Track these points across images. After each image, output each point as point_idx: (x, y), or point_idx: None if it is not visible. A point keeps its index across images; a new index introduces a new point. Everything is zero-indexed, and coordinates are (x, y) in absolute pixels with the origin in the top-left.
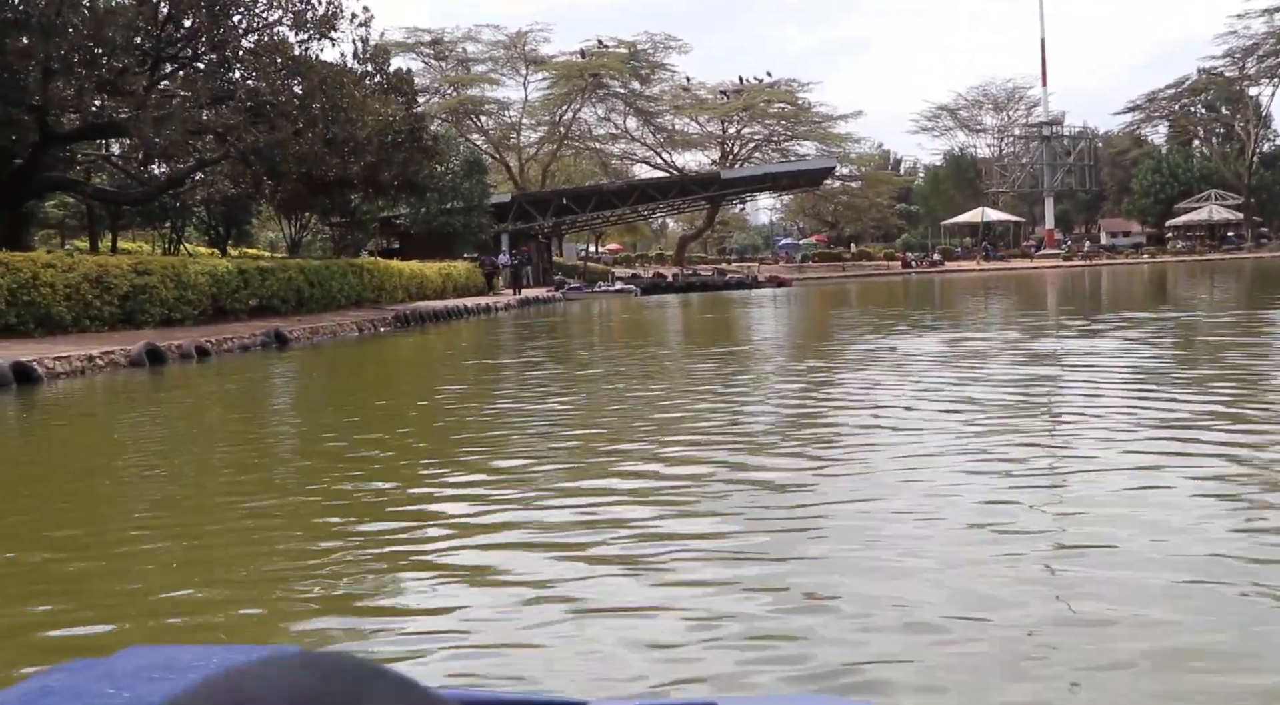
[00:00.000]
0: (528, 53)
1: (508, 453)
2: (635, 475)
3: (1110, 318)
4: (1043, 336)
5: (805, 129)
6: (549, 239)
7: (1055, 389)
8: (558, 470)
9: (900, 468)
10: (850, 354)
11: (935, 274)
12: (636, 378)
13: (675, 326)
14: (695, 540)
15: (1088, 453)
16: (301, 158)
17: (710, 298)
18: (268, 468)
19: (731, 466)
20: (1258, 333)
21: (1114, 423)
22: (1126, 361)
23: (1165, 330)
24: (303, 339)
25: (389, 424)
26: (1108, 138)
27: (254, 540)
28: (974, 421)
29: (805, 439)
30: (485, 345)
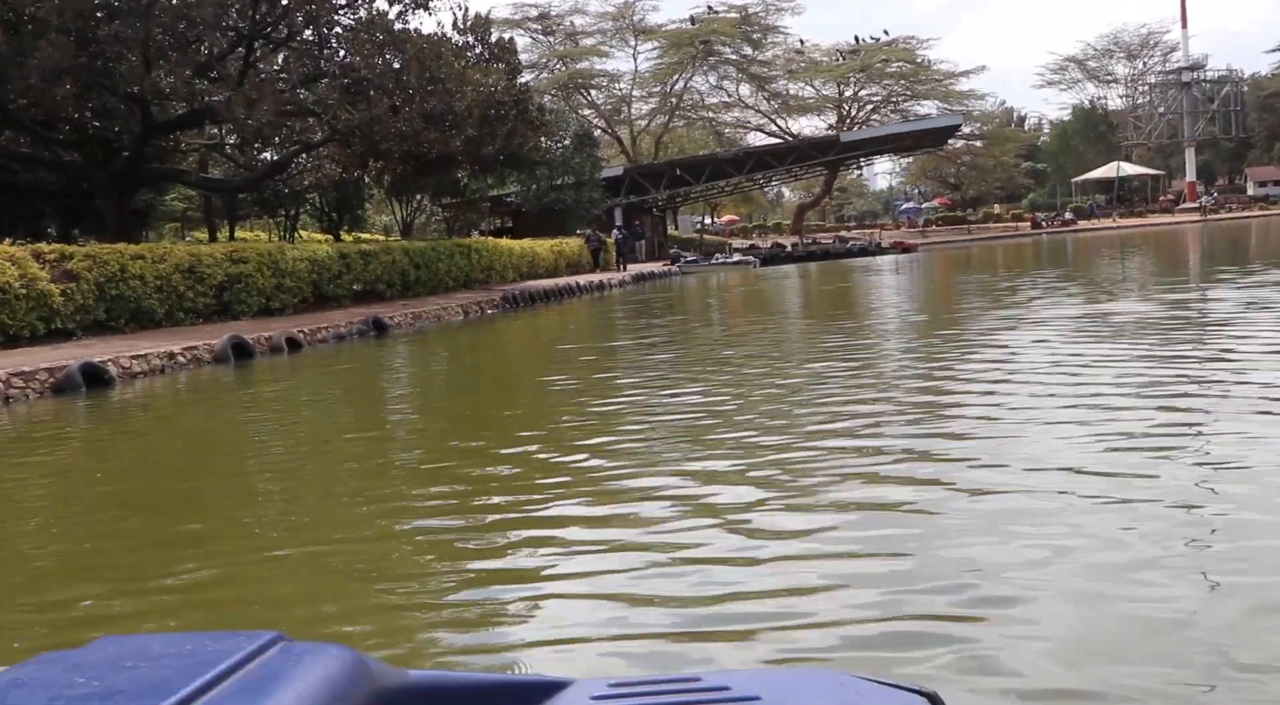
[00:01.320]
0: (636, 23)
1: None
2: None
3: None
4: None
5: (925, 88)
6: (663, 212)
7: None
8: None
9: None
10: (1052, 324)
11: (1068, 234)
12: (784, 360)
13: (804, 299)
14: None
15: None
16: (401, 135)
17: (834, 267)
18: (302, 497)
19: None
20: None
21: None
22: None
23: None
24: (404, 325)
25: (493, 430)
26: (1256, 81)
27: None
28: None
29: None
30: (597, 326)
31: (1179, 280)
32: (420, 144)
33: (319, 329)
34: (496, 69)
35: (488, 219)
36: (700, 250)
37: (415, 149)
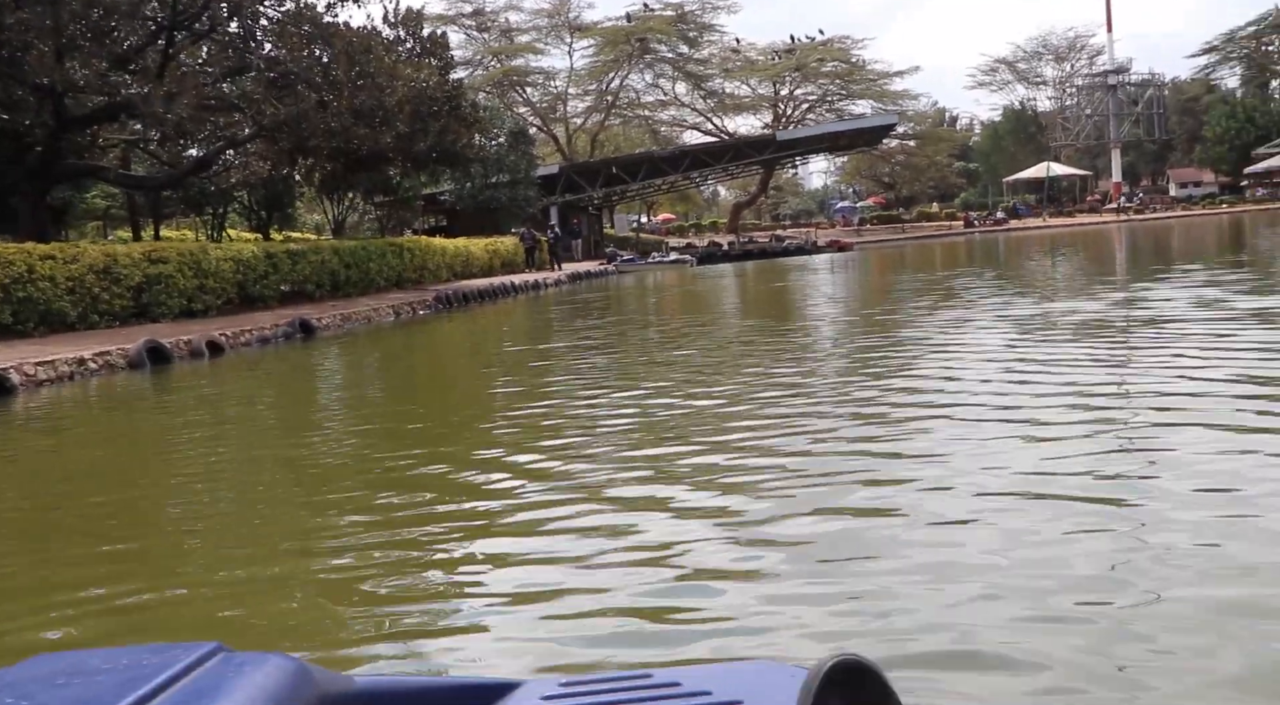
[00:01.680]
0: (571, 20)
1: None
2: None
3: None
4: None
5: (860, 87)
6: (599, 211)
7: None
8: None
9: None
10: (997, 325)
11: (1000, 233)
12: (722, 365)
13: (742, 299)
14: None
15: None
16: (329, 131)
17: (771, 266)
18: (206, 515)
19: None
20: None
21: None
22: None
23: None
24: (332, 327)
25: (419, 441)
26: (1176, 85)
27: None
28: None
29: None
30: (533, 327)
31: (1125, 279)
32: (350, 140)
33: (242, 332)
34: (428, 64)
35: (422, 217)
36: (637, 249)
37: (345, 145)
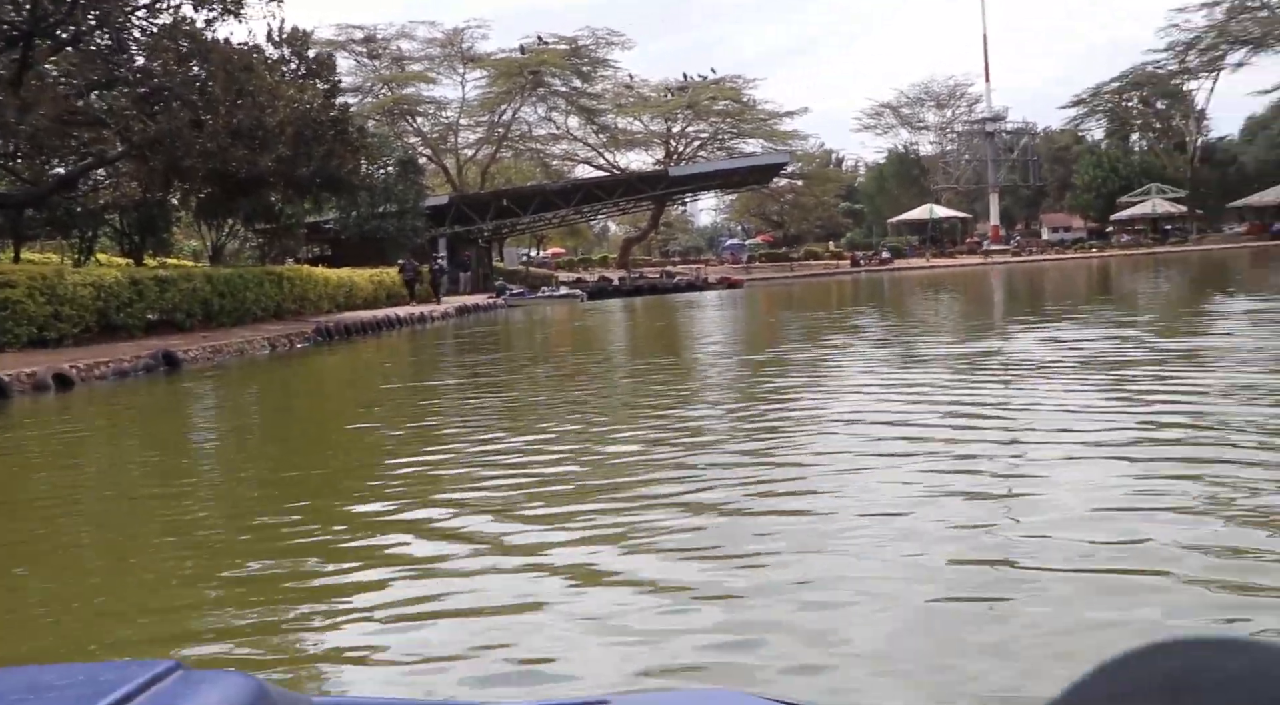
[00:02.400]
0: (465, 50)
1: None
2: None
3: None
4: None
5: (750, 127)
6: (489, 243)
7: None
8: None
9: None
10: (891, 364)
11: (885, 272)
12: (613, 407)
13: (634, 336)
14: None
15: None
16: (205, 152)
17: (662, 301)
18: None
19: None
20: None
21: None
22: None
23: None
24: (200, 360)
25: (289, 499)
26: (1048, 134)
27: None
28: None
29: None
30: (418, 364)
31: (1001, 320)
32: (227, 162)
33: (98, 364)
34: (313, 86)
35: (306, 246)
36: (526, 283)
37: (222, 167)
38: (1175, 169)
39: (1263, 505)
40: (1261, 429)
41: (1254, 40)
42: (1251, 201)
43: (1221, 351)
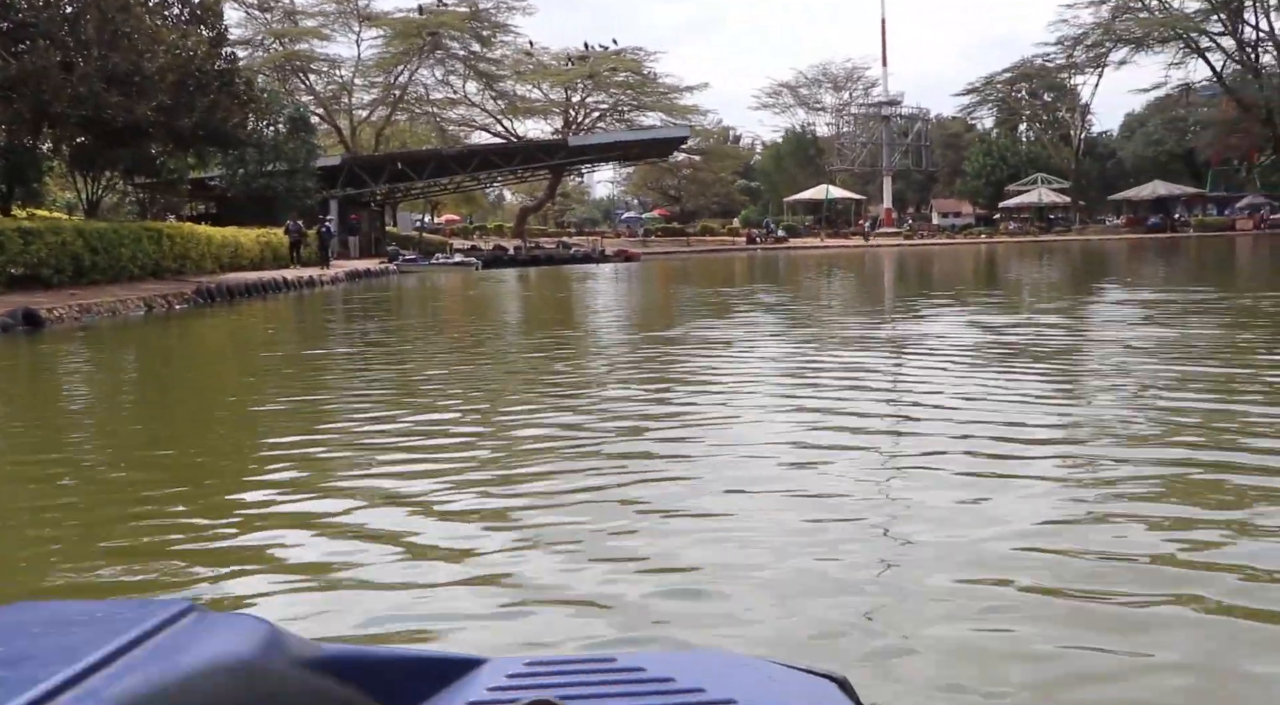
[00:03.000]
0: (361, 8)
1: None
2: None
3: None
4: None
5: (651, 100)
6: (382, 207)
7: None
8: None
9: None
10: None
11: (781, 250)
12: (507, 383)
13: (530, 307)
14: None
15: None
16: (77, 96)
17: (558, 272)
18: None
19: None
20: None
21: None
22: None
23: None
24: (66, 319)
25: (160, 485)
26: (940, 121)
27: None
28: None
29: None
30: (305, 330)
31: (896, 303)
32: (101, 108)
33: None
34: (198, 33)
35: (190, 203)
36: (420, 249)
37: (96, 114)
38: (1061, 160)
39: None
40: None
41: (1136, 40)
42: (1129, 195)
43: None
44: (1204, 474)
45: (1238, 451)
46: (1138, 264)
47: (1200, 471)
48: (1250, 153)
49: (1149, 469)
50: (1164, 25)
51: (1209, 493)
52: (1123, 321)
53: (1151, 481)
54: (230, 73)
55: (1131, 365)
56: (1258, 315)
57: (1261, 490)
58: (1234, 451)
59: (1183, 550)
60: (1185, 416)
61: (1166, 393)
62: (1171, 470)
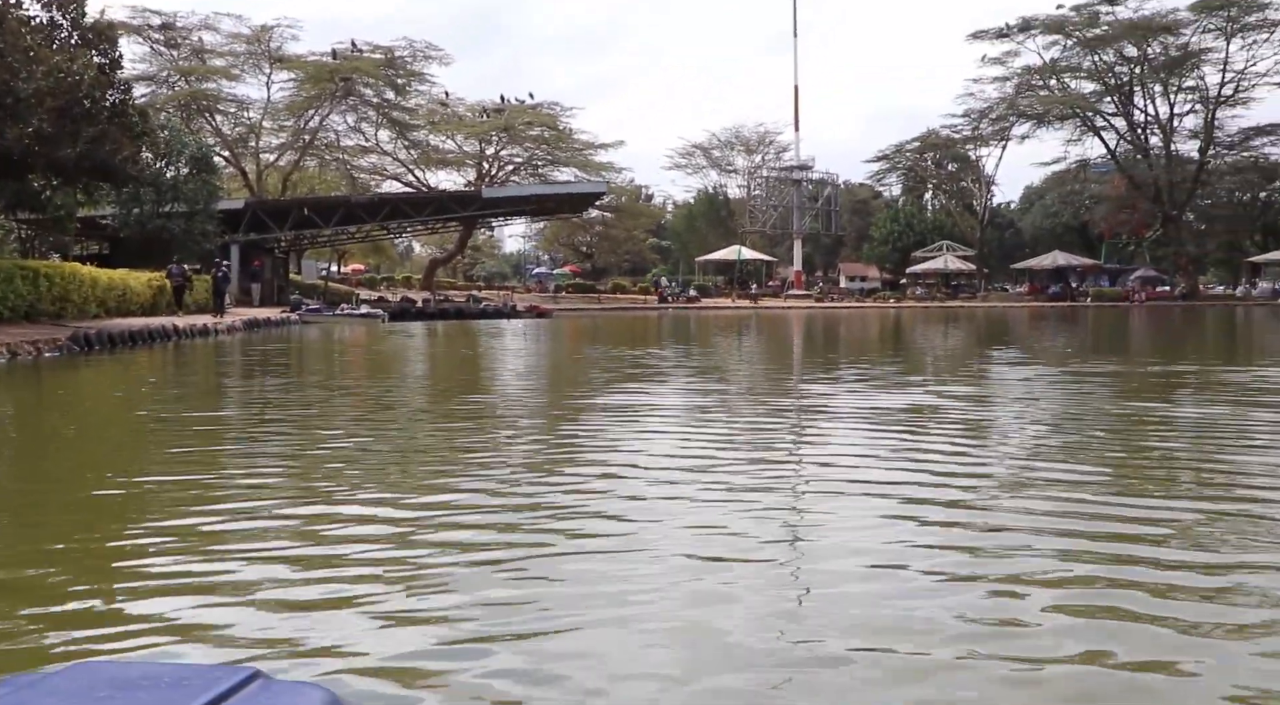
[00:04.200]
0: (273, 50)
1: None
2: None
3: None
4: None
5: (566, 155)
6: (286, 254)
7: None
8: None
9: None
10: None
11: (692, 310)
12: (408, 454)
13: (442, 365)
14: None
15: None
16: None
17: (468, 327)
18: None
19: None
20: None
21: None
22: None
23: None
24: None
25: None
26: (848, 187)
27: None
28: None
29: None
30: (190, 386)
31: (813, 367)
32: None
33: None
34: (87, 57)
35: (81, 243)
36: (325, 299)
37: None
38: (965, 229)
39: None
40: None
41: (1037, 116)
42: (1032, 264)
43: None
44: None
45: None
46: (1063, 333)
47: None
48: (1139, 228)
49: (1046, 539)
50: (1063, 103)
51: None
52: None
53: (1047, 551)
54: (124, 103)
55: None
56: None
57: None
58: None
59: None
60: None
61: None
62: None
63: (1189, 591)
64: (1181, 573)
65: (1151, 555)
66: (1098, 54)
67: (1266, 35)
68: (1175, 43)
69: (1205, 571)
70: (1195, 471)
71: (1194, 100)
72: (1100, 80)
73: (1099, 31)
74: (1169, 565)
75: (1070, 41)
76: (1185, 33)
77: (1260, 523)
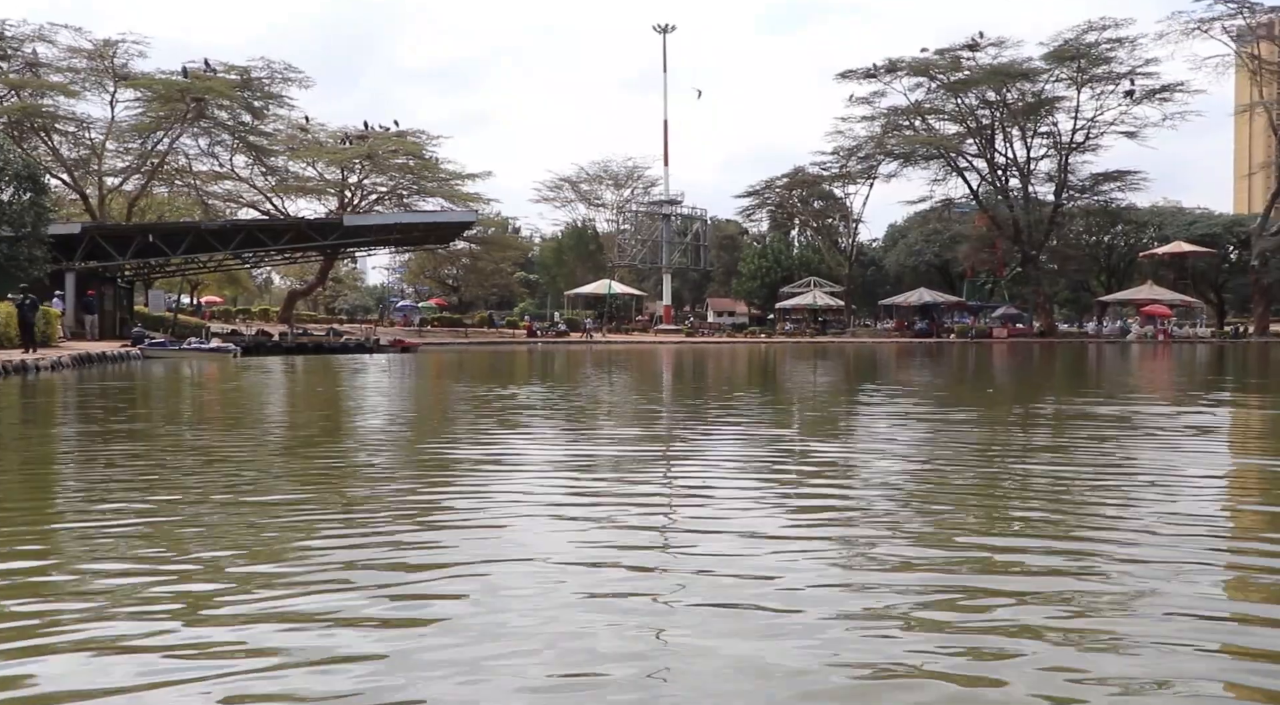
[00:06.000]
0: (118, 67)
1: None
2: None
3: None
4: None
5: (432, 185)
6: (131, 285)
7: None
8: None
9: None
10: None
11: (561, 344)
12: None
13: (295, 405)
14: None
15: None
16: None
17: (328, 362)
18: None
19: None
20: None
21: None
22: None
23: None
24: None
25: None
26: (717, 222)
27: None
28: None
29: None
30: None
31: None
32: None
33: None
34: None
35: None
36: (173, 332)
37: None
38: (834, 264)
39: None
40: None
41: (904, 155)
42: (898, 301)
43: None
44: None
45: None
46: (910, 367)
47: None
48: (999, 267)
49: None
50: (928, 143)
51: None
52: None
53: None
54: None
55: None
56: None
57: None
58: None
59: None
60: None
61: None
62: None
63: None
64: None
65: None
66: (961, 97)
67: (1112, 87)
68: (1032, 89)
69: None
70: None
71: (1049, 145)
72: (963, 122)
73: (961, 75)
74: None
75: (935, 84)
76: (1040, 81)
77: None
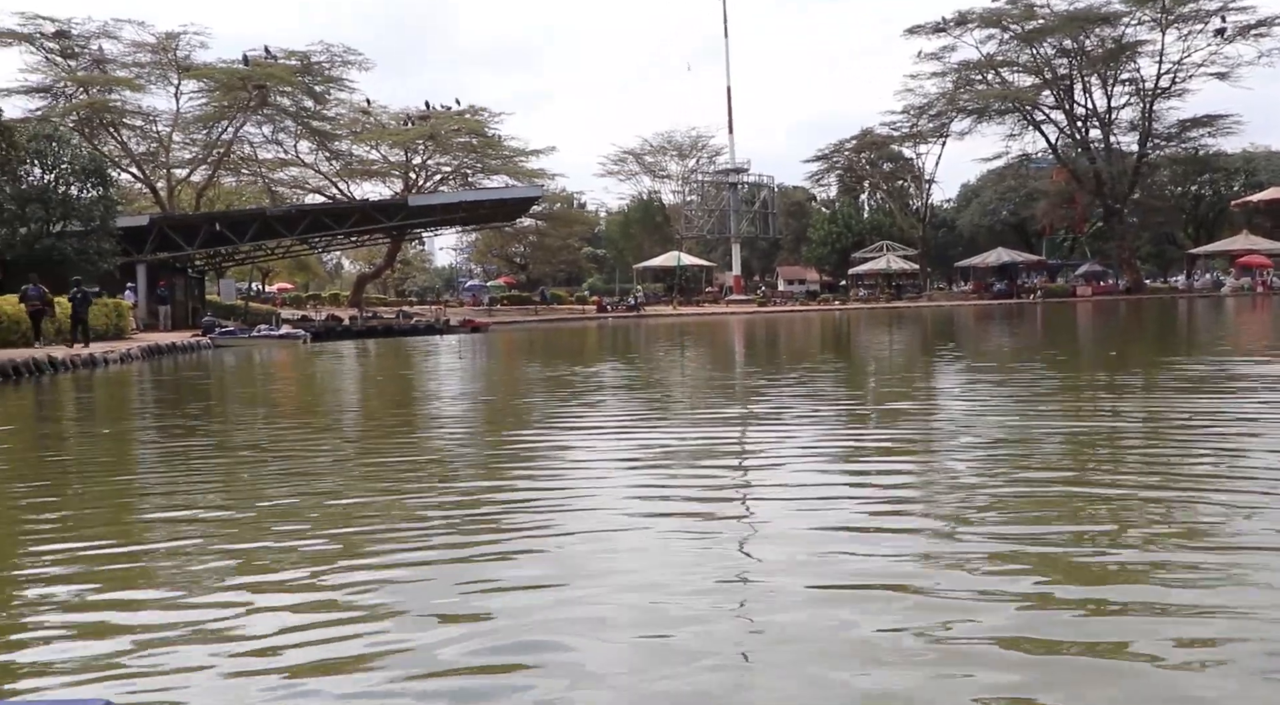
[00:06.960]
0: (181, 59)
1: None
2: None
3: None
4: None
5: (496, 162)
6: (202, 275)
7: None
8: None
9: None
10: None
11: (633, 319)
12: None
13: (368, 392)
14: None
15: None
16: None
17: (399, 345)
18: None
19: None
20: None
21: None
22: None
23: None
24: None
25: None
26: (783, 190)
27: None
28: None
29: None
30: (41, 443)
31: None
32: None
33: None
34: None
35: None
36: (244, 319)
37: None
38: (908, 227)
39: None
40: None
41: (977, 111)
42: (975, 262)
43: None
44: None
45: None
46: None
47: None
48: (1079, 223)
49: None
50: (1002, 97)
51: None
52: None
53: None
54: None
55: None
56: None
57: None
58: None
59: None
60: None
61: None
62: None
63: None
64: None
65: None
66: (1035, 47)
67: (1200, 26)
68: (1111, 35)
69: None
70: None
71: (1131, 92)
72: (1039, 73)
73: (1035, 24)
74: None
75: (1007, 35)
76: (1121, 24)
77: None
